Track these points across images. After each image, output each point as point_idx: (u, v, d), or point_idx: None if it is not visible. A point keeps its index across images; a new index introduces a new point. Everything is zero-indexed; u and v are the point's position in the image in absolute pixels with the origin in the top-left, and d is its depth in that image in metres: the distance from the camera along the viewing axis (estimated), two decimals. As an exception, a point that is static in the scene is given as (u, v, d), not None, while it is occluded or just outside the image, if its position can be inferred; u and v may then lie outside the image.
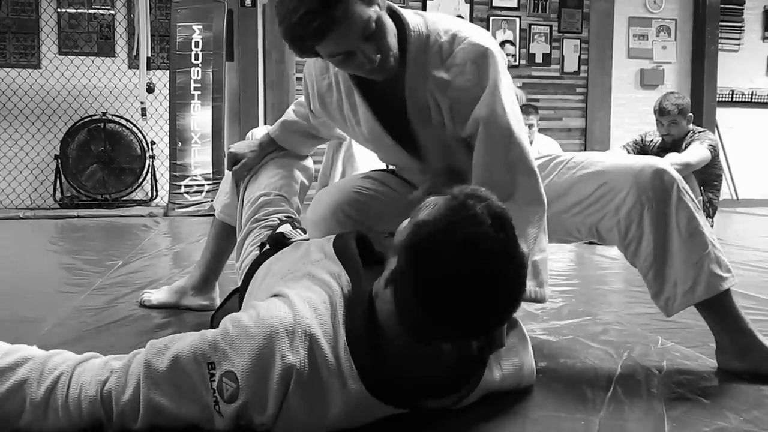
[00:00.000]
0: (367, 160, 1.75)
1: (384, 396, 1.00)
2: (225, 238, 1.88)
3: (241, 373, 0.94)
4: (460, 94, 1.30)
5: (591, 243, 2.94)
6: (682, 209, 1.33)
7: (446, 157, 1.43)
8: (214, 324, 1.59)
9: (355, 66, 1.26)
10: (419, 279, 0.93)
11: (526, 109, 4.84)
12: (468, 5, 6.37)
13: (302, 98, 1.63)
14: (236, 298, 1.49)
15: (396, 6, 1.33)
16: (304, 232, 1.54)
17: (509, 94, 1.31)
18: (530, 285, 1.22)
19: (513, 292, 0.96)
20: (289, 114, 1.72)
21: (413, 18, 1.33)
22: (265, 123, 5.86)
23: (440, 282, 0.92)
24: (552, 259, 3.00)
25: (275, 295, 1.06)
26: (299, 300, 1.01)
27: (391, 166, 1.65)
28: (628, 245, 1.37)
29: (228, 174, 1.80)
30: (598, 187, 1.38)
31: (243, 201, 1.70)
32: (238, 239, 1.66)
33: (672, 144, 3.82)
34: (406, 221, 1.01)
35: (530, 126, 4.80)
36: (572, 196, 1.41)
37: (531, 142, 4.77)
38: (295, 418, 0.96)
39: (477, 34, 1.32)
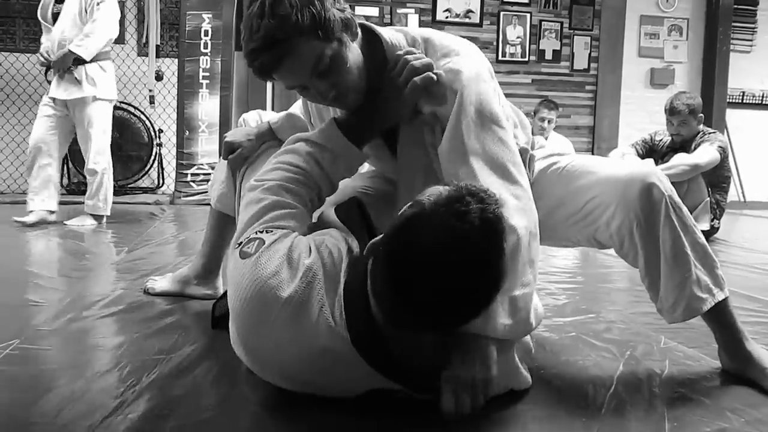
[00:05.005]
0: None
1: (368, 357, 1.01)
2: (223, 227, 1.87)
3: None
4: (441, 122, 1.24)
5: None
6: (668, 228, 1.29)
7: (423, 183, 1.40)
8: (215, 312, 1.60)
9: (313, 98, 1.27)
10: (390, 255, 0.95)
11: (547, 104, 4.86)
12: (479, 1, 6.34)
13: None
14: None
15: (378, 29, 1.29)
16: None
17: (482, 117, 1.20)
18: (503, 321, 1.08)
19: (475, 298, 0.95)
20: (295, 109, 1.69)
21: (395, 38, 1.28)
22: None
23: (407, 262, 0.93)
24: (556, 256, 3.01)
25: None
26: (312, 242, 1.11)
27: None
28: (626, 256, 1.36)
29: (222, 162, 1.75)
30: (588, 201, 1.34)
31: (240, 192, 1.68)
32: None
33: (681, 144, 3.79)
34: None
35: (549, 120, 4.82)
36: (566, 209, 1.39)
37: (546, 138, 4.78)
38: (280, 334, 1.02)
39: (457, 59, 1.24)
